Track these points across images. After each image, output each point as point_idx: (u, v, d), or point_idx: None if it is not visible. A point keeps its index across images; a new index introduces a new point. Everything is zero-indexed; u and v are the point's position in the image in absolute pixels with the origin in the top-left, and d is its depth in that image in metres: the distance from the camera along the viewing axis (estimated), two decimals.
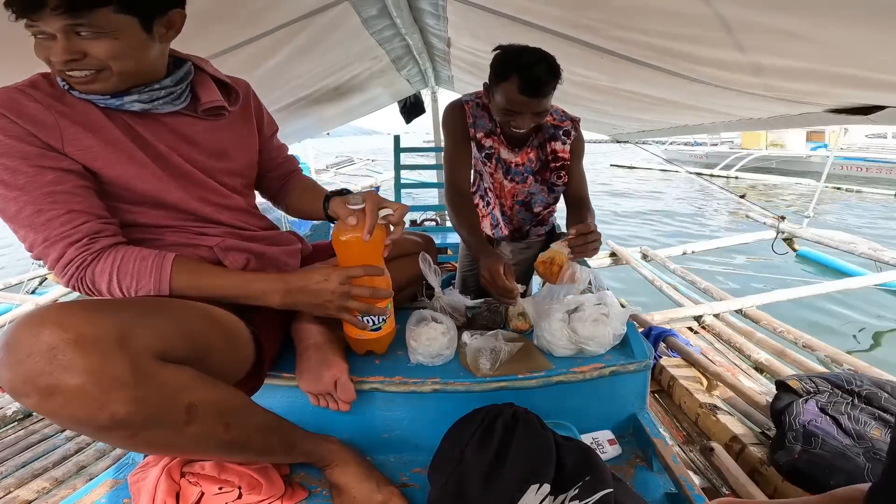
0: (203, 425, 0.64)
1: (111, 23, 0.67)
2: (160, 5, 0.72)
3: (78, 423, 0.55)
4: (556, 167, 1.37)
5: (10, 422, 1.56)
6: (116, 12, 0.67)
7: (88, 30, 0.66)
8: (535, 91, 1.14)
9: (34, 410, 0.56)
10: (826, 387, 1.31)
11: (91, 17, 0.65)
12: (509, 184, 1.43)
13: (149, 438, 0.60)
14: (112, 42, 0.68)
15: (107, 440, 0.60)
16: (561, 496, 0.70)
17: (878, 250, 3.37)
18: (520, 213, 1.50)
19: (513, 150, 1.37)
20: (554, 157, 1.36)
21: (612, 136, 3.16)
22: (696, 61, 1.10)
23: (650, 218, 7.94)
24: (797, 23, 0.72)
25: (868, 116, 1.08)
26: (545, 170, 1.39)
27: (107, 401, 0.54)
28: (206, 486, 0.80)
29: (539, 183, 1.42)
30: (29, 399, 0.53)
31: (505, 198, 1.47)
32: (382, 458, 0.91)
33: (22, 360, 0.52)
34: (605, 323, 1.00)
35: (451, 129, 1.36)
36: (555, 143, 1.35)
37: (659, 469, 0.89)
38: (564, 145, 1.35)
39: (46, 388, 0.52)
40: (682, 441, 1.43)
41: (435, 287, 1.15)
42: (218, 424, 0.66)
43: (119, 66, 0.71)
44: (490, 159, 1.39)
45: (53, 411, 0.54)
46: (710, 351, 2.02)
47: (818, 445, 1.13)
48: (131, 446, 0.65)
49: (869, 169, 10.84)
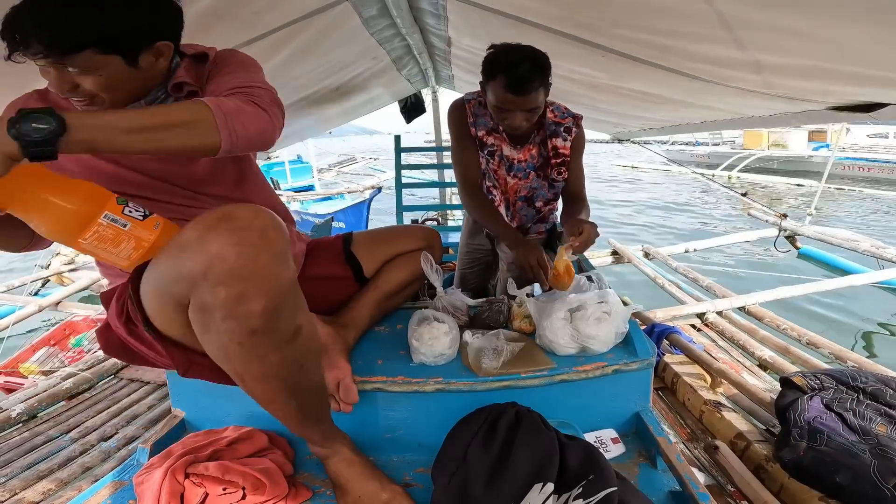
0: (293, 352, 0.70)
1: (94, 63, 0.69)
2: (145, 40, 0.73)
3: (245, 293, 0.61)
4: (557, 163, 1.38)
5: (15, 423, 1.56)
6: (98, 54, 0.69)
7: (75, 68, 0.69)
8: (520, 89, 1.15)
9: (219, 276, 0.60)
10: (831, 383, 1.30)
11: (72, 60, 0.68)
12: (512, 180, 1.44)
13: (262, 340, 0.66)
14: (97, 78, 0.71)
15: (243, 321, 0.63)
16: (564, 495, 0.70)
17: (880, 247, 3.35)
18: (522, 210, 1.51)
19: (515, 146, 1.39)
20: (555, 153, 1.37)
21: (613, 135, 3.15)
22: (697, 59, 1.10)
23: (652, 217, 7.93)
24: (797, 20, 0.72)
25: (870, 114, 1.07)
26: (546, 166, 1.40)
27: (274, 284, 0.63)
28: (210, 486, 0.80)
29: (541, 179, 1.43)
30: (225, 263, 0.60)
31: (508, 194, 1.48)
32: (385, 458, 0.92)
33: (241, 227, 0.61)
34: (608, 321, 1.00)
35: (454, 128, 1.39)
36: (556, 139, 1.36)
37: (663, 467, 0.89)
38: (565, 142, 1.36)
39: (248, 255, 0.60)
40: (686, 438, 1.43)
41: (437, 287, 1.15)
42: (299, 360, 0.73)
43: (110, 96, 0.75)
44: (493, 156, 1.40)
45: (239, 274, 0.60)
46: (714, 348, 2.01)
47: (823, 442, 1.12)
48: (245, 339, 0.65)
49: (871, 169, 10.81)
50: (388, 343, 1.08)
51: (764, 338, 2.06)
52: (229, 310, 0.62)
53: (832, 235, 3.69)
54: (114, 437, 1.48)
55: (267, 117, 0.73)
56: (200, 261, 0.60)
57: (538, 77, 1.16)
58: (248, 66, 0.85)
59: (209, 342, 0.68)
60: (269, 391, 0.74)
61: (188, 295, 0.64)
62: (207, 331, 0.66)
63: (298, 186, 8.95)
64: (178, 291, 0.64)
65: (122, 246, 0.64)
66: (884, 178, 10.21)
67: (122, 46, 0.71)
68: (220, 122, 0.67)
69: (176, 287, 0.64)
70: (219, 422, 0.99)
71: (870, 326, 3.42)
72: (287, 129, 2.97)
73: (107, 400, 1.70)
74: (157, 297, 0.69)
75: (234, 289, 0.61)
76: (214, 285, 0.60)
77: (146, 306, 0.71)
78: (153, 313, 0.72)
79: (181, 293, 0.64)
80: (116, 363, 1.90)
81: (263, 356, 0.68)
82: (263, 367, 0.69)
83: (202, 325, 0.66)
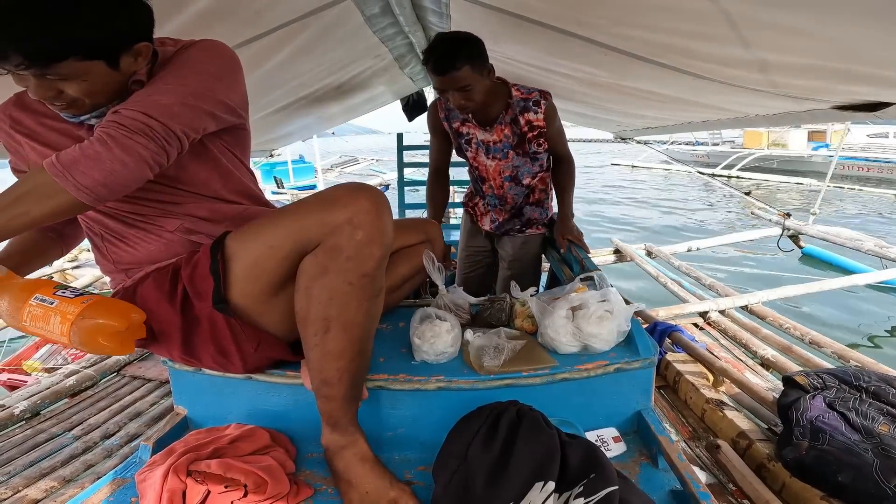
0: (375, 309, 0.83)
1: (77, 69, 0.69)
2: (124, 43, 0.72)
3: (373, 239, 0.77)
4: (534, 136, 1.46)
5: (18, 420, 1.57)
6: (80, 60, 0.68)
7: (57, 76, 0.68)
8: (441, 70, 1.26)
9: (361, 222, 0.76)
10: (833, 382, 1.30)
11: (57, 68, 0.67)
12: (492, 162, 1.53)
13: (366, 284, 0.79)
14: (82, 83, 0.71)
15: (363, 261, 0.77)
16: (566, 494, 0.70)
17: (883, 247, 3.34)
18: (511, 190, 1.58)
19: (485, 129, 1.48)
20: (530, 126, 1.45)
21: (616, 134, 3.14)
22: (701, 58, 1.09)
23: (653, 216, 7.91)
24: (802, 19, 0.72)
25: (874, 113, 1.07)
26: (523, 142, 1.47)
27: (388, 239, 0.80)
28: (212, 484, 0.80)
29: (521, 156, 1.51)
30: (368, 214, 0.76)
31: (493, 178, 1.57)
32: (387, 456, 0.91)
33: (376, 194, 0.79)
34: (610, 320, 1.00)
35: (429, 125, 1.60)
36: (528, 114, 1.44)
37: (664, 466, 0.89)
38: (537, 114, 1.44)
39: (380, 213, 0.78)
40: (688, 437, 1.43)
41: (439, 284, 1.15)
42: (374, 319, 0.84)
43: (92, 100, 0.74)
44: (470, 144, 1.53)
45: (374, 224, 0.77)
46: (716, 347, 2.01)
47: (826, 441, 1.12)
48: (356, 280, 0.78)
49: (871, 169, 10.78)
50: (389, 341, 1.08)
51: (766, 336, 2.05)
52: (358, 250, 0.76)
53: (836, 235, 3.68)
54: (116, 434, 1.49)
55: (115, 155, 0.68)
56: (350, 209, 0.76)
57: (458, 57, 1.24)
58: (186, 66, 0.78)
59: (319, 286, 0.78)
60: (348, 341, 0.81)
61: (321, 240, 0.77)
62: (325, 273, 0.77)
63: (301, 186, 9.00)
64: (312, 236, 0.77)
65: (51, 322, 0.66)
66: (884, 178, 10.17)
67: (103, 52, 0.70)
68: (60, 180, 0.67)
69: (312, 232, 0.77)
70: (221, 419, 1.00)
71: (873, 326, 3.41)
72: (288, 127, 2.96)
73: (109, 397, 1.70)
74: (266, 251, 0.79)
75: (368, 234, 0.76)
76: (355, 228, 0.75)
77: (235, 273, 0.80)
78: (246, 275, 0.80)
79: (313, 237, 0.77)
80: (119, 360, 1.91)
81: (360, 302, 0.79)
82: (356, 314, 0.80)
83: (321, 267, 0.77)
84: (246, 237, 0.81)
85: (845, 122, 4.85)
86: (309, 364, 0.84)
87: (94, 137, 0.70)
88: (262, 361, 0.93)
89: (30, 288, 0.71)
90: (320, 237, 0.77)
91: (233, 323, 0.84)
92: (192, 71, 0.77)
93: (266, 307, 0.85)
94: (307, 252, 0.79)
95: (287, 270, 0.81)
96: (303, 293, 0.80)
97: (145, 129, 0.70)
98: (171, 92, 0.74)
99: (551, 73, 1.79)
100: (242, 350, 0.87)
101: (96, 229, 0.89)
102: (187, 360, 0.91)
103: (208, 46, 0.82)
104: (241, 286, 0.82)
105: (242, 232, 0.82)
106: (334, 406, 0.84)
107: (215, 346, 0.86)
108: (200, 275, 0.82)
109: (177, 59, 0.79)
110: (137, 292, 0.86)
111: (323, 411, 0.85)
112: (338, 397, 0.83)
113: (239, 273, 0.81)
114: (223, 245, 0.82)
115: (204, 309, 0.83)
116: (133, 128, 0.69)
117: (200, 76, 0.78)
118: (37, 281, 0.74)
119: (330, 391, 0.83)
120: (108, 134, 0.69)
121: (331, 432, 0.85)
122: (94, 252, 0.93)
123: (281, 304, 0.85)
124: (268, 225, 0.81)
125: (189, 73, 0.77)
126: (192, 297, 0.83)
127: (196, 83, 0.77)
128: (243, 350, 0.87)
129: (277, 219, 0.81)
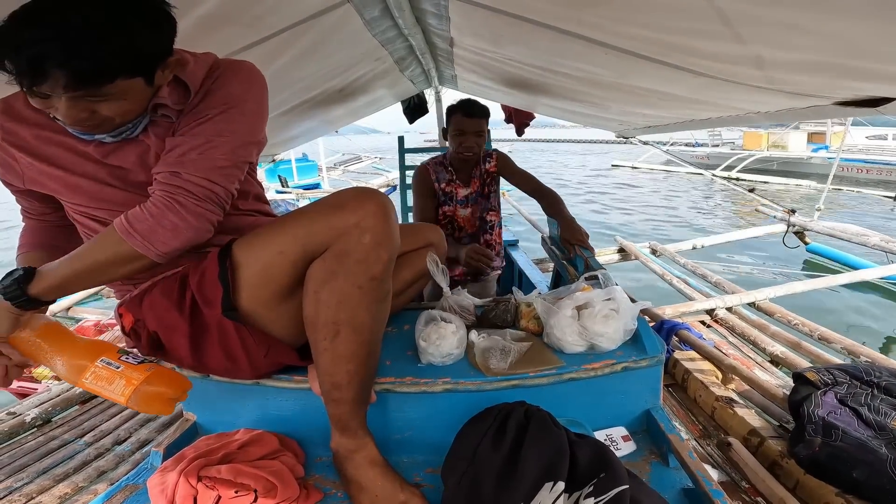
0: (383, 312, 0.85)
1: (119, 88, 0.67)
2: (161, 58, 0.71)
3: (381, 242, 0.79)
4: (489, 181, 1.96)
5: (30, 427, 1.58)
6: (124, 79, 0.67)
7: (97, 98, 0.66)
8: (472, 112, 1.78)
9: (368, 226, 0.78)
10: (844, 378, 1.28)
11: (99, 90, 0.65)
12: (464, 211, 1.95)
13: (375, 287, 0.80)
14: (121, 103, 0.69)
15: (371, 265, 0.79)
16: (575, 493, 0.70)
17: (889, 242, 3.31)
18: (478, 223, 2.00)
19: (465, 185, 1.94)
20: (487, 173, 1.95)
21: (617, 133, 3.13)
22: (700, 55, 1.09)
23: (655, 215, 7.88)
24: (799, 15, 0.71)
25: (877, 108, 1.06)
26: (484, 186, 1.97)
27: (395, 243, 0.82)
28: (222, 490, 0.81)
29: (482, 198, 1.98)
30: (375, 218, 0.78)
31: (467, 226, 1.97)
32: (395, 459, 0.92)
33: (382, 199, 0.80)
34: (616, 318, 0.99)
35: (417, 186, 1.93)
36: (486, 165, 1.94)
37: (675, 465, 0.89)
38: (489, 164, 1.93)
39: (387, 217, 0.80)
40: (699, 435, 1.42)
41: (443, 287, 1.15)
42: (382, 323, 0.85)
43: (123, 119, 0.73)
44: (451, 201, 1.94)
45: (382, 228, 0.78)
46: (724, 344, 2.00)
47: (838, 438, 1.11)
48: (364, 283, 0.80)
49: (869, 171, 10.69)
50: (395, 344, 1.08)
51: (775, 333, 2.03)
52: (366, 253, 0.77)
53: (842, 231, 3.65)
54: (127, 440, 1.50)
55: (189, 224, 0.74)
56: (358, 214, 0.77)
57: (484, 111, 1.81)
58: (234, 105, 0.78)
59: (328, 290, 0.79)
60: (357, 344, 0.81)
61: (329, 244, 0.77)
62: (334, 277, 0.78)
63: (305, 184, 9.04)
64: (321, 240, 0.78)
65: (115, 383, 0.72)
66: (883, 180, 10.08)
67: (145, 67, 0.69)
68: (141, 249, 0.73)
69: (320, 236, 0.78)
70: (229, 425, 1.00)
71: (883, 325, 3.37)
72: (293, 131, 2.96)
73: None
74: (276, 257, 0.79)
75: (376, 238, 0.77)
76: (363, 232, 0.77)
77: (245, 280, 0.81)
78: (256, 282, 0.81)
79: (321, 242, 0.78)
80: None
81: (369, 305, 0.81)
82: (365, 317, 0.81)
83: (330, 271, 0.78)
84: (254, 244, 0.82)
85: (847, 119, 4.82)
86: (318, 368, 0.84)
87: (165, 204, 0.73)
88: (271, 367, 0.93)
89: (94, 350, 0.75)
90: (329, 241, 0.78)
91: (242, 329, 0.84)
92: (239, 113, 0.79)
93: (274, 313, 0.85)
94: (315, 257, 0.80)
95: (296, 276, 0.81)
96: (311, 298, 0.80)
97: (211, 195, 0.76)
98: (225, 145, 0.77)
99: (552, 73, 1.79)
100: (251, 356, 0.87)
101: (91, 225, 0.86)
102: (196, 367, 0.92)
103: (246, 77, 0.82)
104: (250, 292, 0.82)
105: (249, 239, 0.83)
106: (344, 409, 0.84)
107: (224, 352, 0.87)
108: (209, 282, 0.82)
109: (219, 93, 0.79)
110: (144, 301, 0.87)
111: (332, 415, 0.85)
112: (348, 400, 0.83)
113: (248, 279, 0.81)
114: (231, 252, 0.82)
115: (213, 316, 0.83)
116: (201, 196, 0.75)
117: (246, 118, 0.80)
118: (99, 344, 0.78)
119: (340, 394, 0.83)
120: (180, 202, 0.73)
121: (340, 436, 0.86)
122: None
123: (290, 309, 0.85)
124: (276, 231, 0.82)
125: (237, 117, 0.79)
126: (201, 305, 0.83)
127: (244, 129, 0.80)
128: (252, 356, 0.87)
129: (285, 225, 0.82)
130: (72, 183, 0.79)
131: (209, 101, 0.78)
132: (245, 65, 0.84)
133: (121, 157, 0.79)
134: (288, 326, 0.87)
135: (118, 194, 0.80)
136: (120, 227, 0.73)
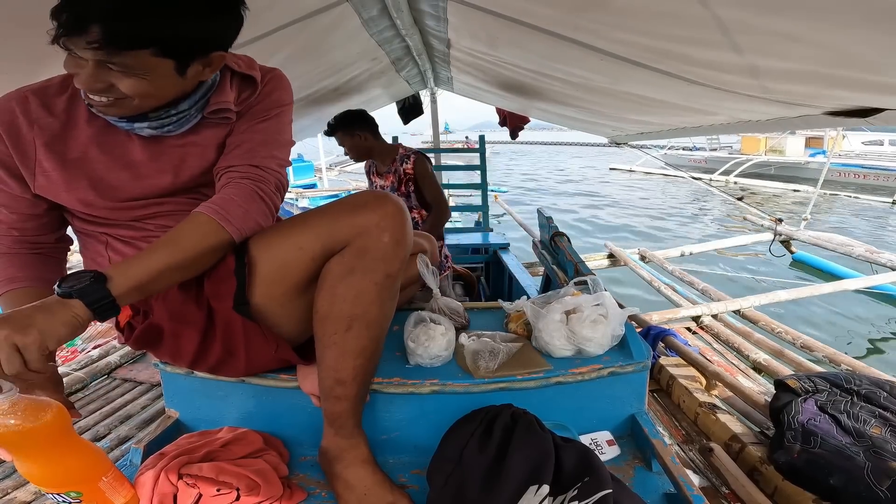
0: (392, 308, 0.87)
1: (145, 64, 0.66)
2: (202, 49, 0.70)
3: (399, 240, 0.80)
4: (406, 180, 2.13)
5: None
6: (154, 55, 0.65)
7: (120, 67, 0.65)
8: (328, 133, 2.14)
9: (388, 225, 0.79)
10: (825, 386, 1.31)
11: (126, 57, 0.64)
12: None
13: (389, 285, 0.82)
14: (141, 81, 0.67)
15: (389, 262, 0.80)
16: (560, 497, 0.70)
17: (874, 252, 3.38)
18: None
19: (382, 176, 2.20)
20: (404, 174, 2.12)
21: (611, 139, 3.16)
22: (694, 63, 1.10)
23: (648, 220, 7.96)
24: (794, 25, 0.73)
25: (866, 119, 1.08)
26: (400, 184, 2.14)
27: (409, 241, 0.83)
28: (204, 487, 0.80)
29: (402, 196, 2.11)
30: (394, 218, 0.80)
31: None
32: (381, 460, 0.91)
33: (398, 201, 0.82)
34: (604, 323, 1.00)
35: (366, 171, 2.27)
36: (404, 165, 2.12)
37: (658, 469, 0.89)
38: (407, 165, 2.11)
39: (403, 217, 0.81)
40: (681, 440, 1.43)
41: (433, 289, 1.15)
42: (389, 318, 0.86)
43: (142, 102, 0.71)
44: (376, 188, 2.19)
45: (399, 228, 0.80)
46: (709, 351, 2.02)
47: (817, 444, 1.13)
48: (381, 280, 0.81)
49: (866, 176, 10.89)
50: (384, 345, 1.08)
51: (758, 341, 2.07)
52: (385, 251, 0.79)
53: (827, 240, 3.72)
54: (107, 437, 1.47)
55: (269, 210, 0.82)
56: (378, 213, 0.79)
57: (336, 125, 2.08)
58: (283, 110, 0.88)
59: (346, 286, 0.79)
60: (368, 339, 0.82)
61: (350, 241, 0.78)
62: (352, 272, 0.79)
63: (302, 184, 9.01)
64: (342, 237, 0.79)
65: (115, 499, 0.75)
66: (879, 185, 10.28)
67: (181, 52, 0.67)
68: (235, 234, 0.77)
69: (342, 234, 0.79)
70: (213, 422, 0.99)
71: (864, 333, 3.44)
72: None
73: (100, 400, 1.69)
74: (296, 252, 0.80)
75: (395, 237, 0.79)
76: (383, 230, 0.78)
77: (261, 275, 0.81)
78: (273, 277, 0.81)
79: (342, 239, 0.79)
80: (110, 363, 1.89)
81: (383, 302, 0.82)
82: (378, 313, 0.82)
83: (348, 267, 0.79)
84: (272, 239, 0.81)
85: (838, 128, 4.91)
86: (321, 364, 0.83)
87: (251, 193, 0.79)
88: (267, 365, 0.92)
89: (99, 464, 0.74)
90: (349, 239, 0.79)
91: (249, 325, 0.83)
92: (287, 116, 0.89)
93: (283, 310, 0.84)
94: (333, 254, 0.80)
95: (312, 272, 0.81)
96: (327, 292, 0.80)
97: (280, 187, 0.85)
98: (282, 144, 0.86)
99: (546, 77, 1.81)
100: (251, 353, 0.86)
101: (101, 237, 0.86)
102: (191, 363, 0.90)
103: (288, 86, 0.91)
104: (265, 288, 0.81)
105: (267, 234, 0.82)
106: (345, 407, 0.83)
107: (223, 347, 0.85)
108: (222, 276, 0.81)
109: (273, 96, 0.87)
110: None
111: (330, 413, 0.84)
112: (350, 397, 0.83)
113: (265, 275, 0.81)
114: (247, 247, 0.81)
115: (222, 310, 0.82)
116: (275, 186, 0.83)
117: (289, 123, 0.90)
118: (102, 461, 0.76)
119: (343, 391, 0.82)
120: (263, 191, 0.80)
121: (334, 434, 0.85)
122: (90, 262, 0.89)
123: (297, 308, 0.84)
124: (296, 227, 0.82)
125: (286, 120, 0.89)
126: (210, 298, 0.83)
127: (289, 131, 0.90)
128: (251, 352, 0.86)
129: (306, 222, 0.82)
130: (102, 177, 0.78)
131: (266, 103, 0.86)
132: (283, 74, 0.92)
133: (161, 150, 0.80)
134: (290, 325, 0.86)
135: (153, 188, 0.81)
136: (216, 214, 0.75)
